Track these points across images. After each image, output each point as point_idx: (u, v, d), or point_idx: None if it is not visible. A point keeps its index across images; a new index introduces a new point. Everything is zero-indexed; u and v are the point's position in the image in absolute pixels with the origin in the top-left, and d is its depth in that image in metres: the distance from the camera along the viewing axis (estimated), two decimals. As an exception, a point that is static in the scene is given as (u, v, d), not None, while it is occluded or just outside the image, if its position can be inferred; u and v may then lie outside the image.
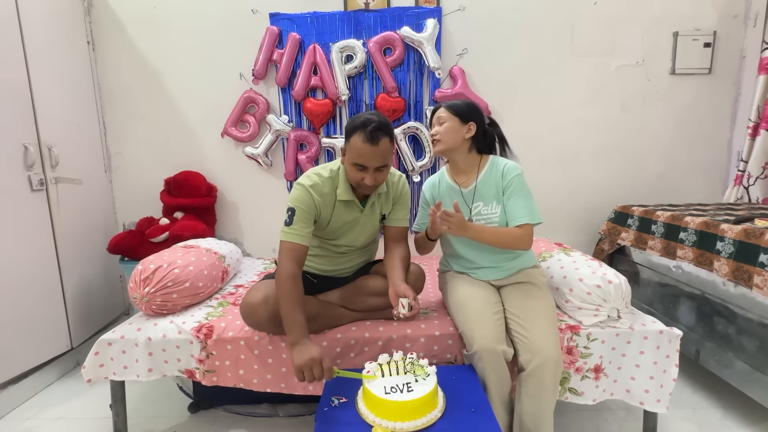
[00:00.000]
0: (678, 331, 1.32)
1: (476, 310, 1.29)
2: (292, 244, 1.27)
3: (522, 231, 1.35)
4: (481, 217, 1.41)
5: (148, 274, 1.44)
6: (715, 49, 2.31)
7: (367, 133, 1.22)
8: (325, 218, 1.37)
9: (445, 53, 2.30)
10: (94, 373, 1.38)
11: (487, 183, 1.42)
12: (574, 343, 1.33)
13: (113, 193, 2.49)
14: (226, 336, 1.36)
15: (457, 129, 1.39)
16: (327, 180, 1.35)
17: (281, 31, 2.28)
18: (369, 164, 1.25)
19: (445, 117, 1.40)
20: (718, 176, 2.44)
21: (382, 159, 1.25)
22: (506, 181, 1.38)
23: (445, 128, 1.40)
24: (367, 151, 1.23)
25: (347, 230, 1.41)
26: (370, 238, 1.49)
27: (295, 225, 1.28)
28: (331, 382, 1.15)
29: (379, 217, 1.46)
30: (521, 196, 1.36)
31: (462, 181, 1.46)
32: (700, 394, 1.70)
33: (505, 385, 1.21)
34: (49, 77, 1.95)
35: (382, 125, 1.24)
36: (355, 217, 1.40)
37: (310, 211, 1.30)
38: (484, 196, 1.41)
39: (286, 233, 1.29)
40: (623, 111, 2.39)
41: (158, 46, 2.36)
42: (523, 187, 1.38)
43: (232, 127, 2.37)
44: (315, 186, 1.32)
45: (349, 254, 1.48)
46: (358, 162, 1.25)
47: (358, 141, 1.23)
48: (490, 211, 1.40)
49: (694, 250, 1.67)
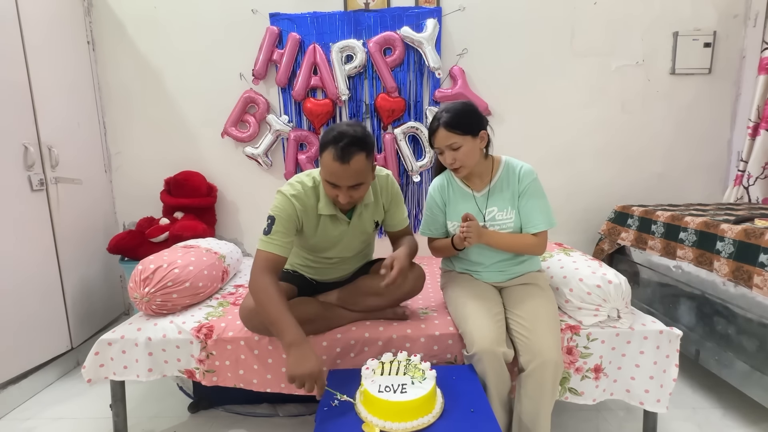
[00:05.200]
0: (678, 331, 1.32)
1: (477, 312, 1.28)
2: (269, 254, 1.21)
3: (538, 238, 1.34)
4: (495, 222, 1.37)
5: (148, 274, 1.44)
6: (715, 49, 2.31)
7: (338, 149, 1.12)
8: (310, 231, 1.31)
9: (445, 53, 2.30)
10: (94, 373, 1.38)
11: (501, 187, 1.38)
12: (574, 343, 1.33)
13: (113, 193, 2.49)
14: (226, 336, 1.36)
15: (473, 148, 1.30)
16: (311, 190, 1.28)
17: (281, 31, 2.28)
18: (341, 183, 1.17)
19: (458, 141, 1.27)
20: (718, 176, 2.44)
21: (354, 178, 1.17)
22: (523, 185, 1.35)
23: (464, 153, 1.29)
24: (338, 169, 1.14)
25: (335, 243, 1.37)
26: (362, 246, 1.45)
27: (274, 235, 1.22)
28: (330, 382, 1.14)
29: (371, 225, 1.40)
30: (538, 201, 1.34)
31: (474, 185, 1.41)
32: (700, 394, 1.70)
33: (504, 386, 1.21)
34: (49, 77, 1.95)
35: (357, 140, 1.13)
36: (342, 230, 1.35)
37: (290, 220, 1.25)
38: (499, 200, 1.37)
39: (264, 242, 1.23)
40: (623, 111, 2.39)
41: (158, 46, 2.36)
42: (539, 190, 1.35)
43: (232, 127, 2.37)
44: (298, 196, 1.25)
45: (343, 263, 1.47)
46: (329, 180, 1.18)
47: (329, 159, 1.14)
48: (505, 216, 1.37)
49: (694, 250, 1.67)
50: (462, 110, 1.29)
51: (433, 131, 1.31)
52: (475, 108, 1.34)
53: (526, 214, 1.35)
